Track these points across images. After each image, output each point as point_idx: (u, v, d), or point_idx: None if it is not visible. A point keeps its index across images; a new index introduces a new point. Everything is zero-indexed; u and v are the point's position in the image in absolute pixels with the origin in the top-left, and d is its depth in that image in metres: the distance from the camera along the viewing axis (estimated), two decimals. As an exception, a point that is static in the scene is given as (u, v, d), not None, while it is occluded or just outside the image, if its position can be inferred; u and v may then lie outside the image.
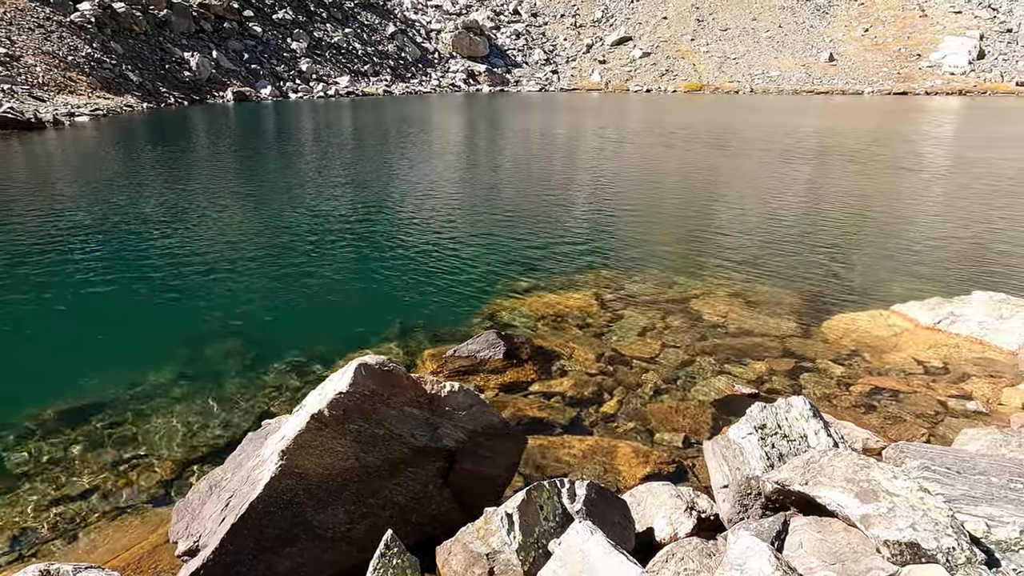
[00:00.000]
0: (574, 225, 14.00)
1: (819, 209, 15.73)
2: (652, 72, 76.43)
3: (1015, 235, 13.14)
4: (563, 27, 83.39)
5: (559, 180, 19.47)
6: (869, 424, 6.04)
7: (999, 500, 4.09)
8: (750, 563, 3.38)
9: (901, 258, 11.73)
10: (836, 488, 3.80)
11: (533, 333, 8.25)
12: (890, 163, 22.91)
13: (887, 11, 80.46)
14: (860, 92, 69.62)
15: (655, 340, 8.13)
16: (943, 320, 8.12)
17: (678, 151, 25.97)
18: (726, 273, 10.70)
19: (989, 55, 73.14)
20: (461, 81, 70.10)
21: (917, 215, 15.16)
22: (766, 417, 4.67)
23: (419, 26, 75.92)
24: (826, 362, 7.45)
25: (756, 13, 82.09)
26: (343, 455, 4.21)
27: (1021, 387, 6.65)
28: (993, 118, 42.07)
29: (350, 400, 4.21)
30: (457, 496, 4.53)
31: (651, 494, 4.78)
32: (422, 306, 9.29)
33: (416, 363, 7.41)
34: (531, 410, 6.45)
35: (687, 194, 17.78)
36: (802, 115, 44.19)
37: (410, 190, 17.42)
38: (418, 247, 12.09)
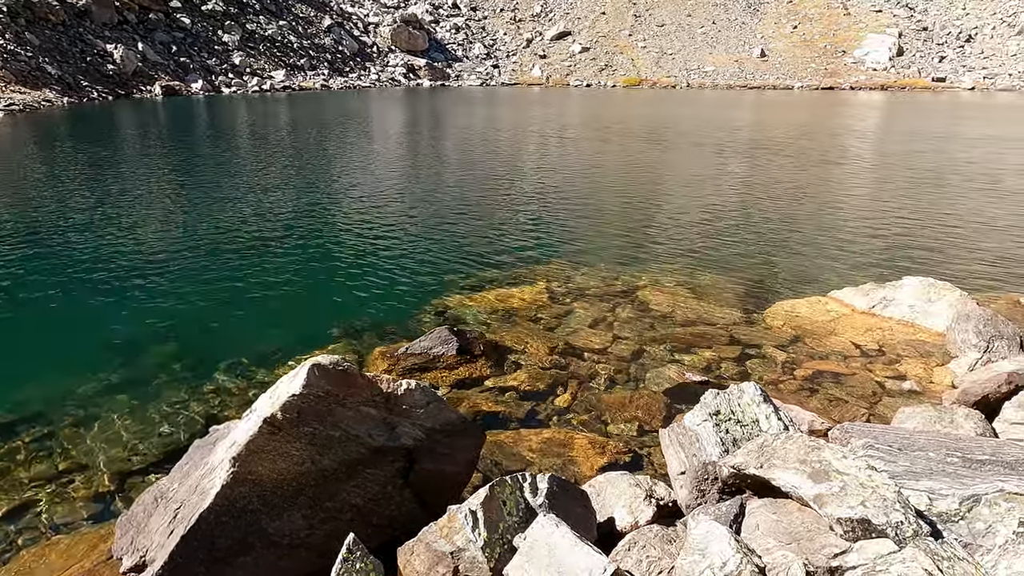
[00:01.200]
0: (520, 220, 14.01)
1: (754, 201, 16.22)
2: (592, 67, 77.23)
3: (937, 223, 13.87)
4: (503, 21, 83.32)
5: (503, 175, 19.46)
6: (813, 407, 6.26)
7: (938, 474, 4.30)
8: (711, 547, 3.45)
9: (835, 246, 12.21)
10: (790, 470, 3.91)
11: (485, 328, 8.21)
12: (819, 156, 23.83)
13: (814, 9, 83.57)
14: (790, 87, 72.15)
15: (606, 332, 8.21)
16: (877, 305, 8.50)
17: (619, 145, 26.34)
18: (670, 264, 10.91)
19: (907, 52, 76.90)
20: (401, 75, 69.16)
21: (846, 206, 15.82)
22: (720, 403, 4.77)
23: (356, 19, 74.50)
24: (770, 348, 7.68)
25: (691, 9, 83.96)
26: (298, 459, 4.08)
27: (950, 366, 7.02)
28: (912, 112, 44.29)
29: (304, 402, 4.08)
30: (417, 495, 4.46)
31: (610, 484, 4.82)
32: (369, 304, 9.12)
33: (366, 362, 7.27)
34: (487, 405, 6.42)
35: (628, 187, 18.04)
36: (736, 109, 45.48)
37: (352, 187, 17.09)
38: (362, 245, 11.87)
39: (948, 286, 8.31)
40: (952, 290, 8.20)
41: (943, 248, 12.02)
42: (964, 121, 37.32)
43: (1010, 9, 78.84)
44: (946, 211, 14.88)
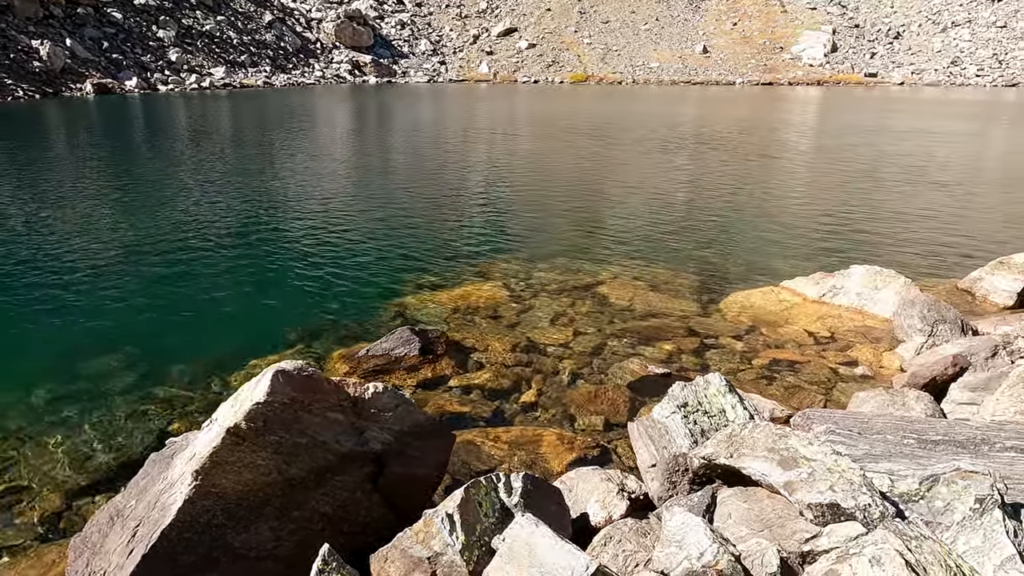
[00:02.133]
0: (475, 217, 13.95)
1: (703, 195, 16.57)
2: (539, 63, 77.53)
3: (876, 214, 14.43)
4: (448, 17, 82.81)
5: (455, 173, 19.35)
6: (772, 395, 6.41)
7: (896, 456, 4.45)
8: (688, 538, 3.48)
9: (783, 237, 12.57)
10: (759, 458, 3.98)
11: (446, 327, 8.12)
12: (763, 151, 24.52)
13: (752, 6, 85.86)
14: (732, 83, 73.98)
15: (567, 327, 8.24)
16: (827, 293, 8.77)
17: (568, 142, 26.51)
18: (627, 258, 11.03)
19: (841, 48, 79.82)
20: (346, 72, 67.98)
21: (790, 198, 16.30)
22: (687, 395, 4.83)
23: (298, 15, 72.86)
24: (728, 338, 7.84)
25: (634, 6, 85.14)
26: (264, 469, 3.94)
27: (898, 351, 7.30)
28: (846, 107, 46.02)
29: (269, 410, 3.94)
30: (388, 500, 4.36)
31: (581, 479, 4.83)
32: (326, 307, 8.92)
33: (327, 366, 7.10)
34: (453, 405, 6.36)
35: (580, 184, 18.17)
36: (682, 105, 46.38)
37: (301, 187, 16.70)
38: (314, 246, 11.60)
39: (892, 273, 8.64)
40: (896, 277, 8.53)
41: (884, 237, 12.52)
42: (894, 115, 38.97)
43: (934, 7, 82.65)
44: (883, 202, 15.49)
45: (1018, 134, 30.48)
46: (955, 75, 74.30)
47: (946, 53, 77.74)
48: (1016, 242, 11.36)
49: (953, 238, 12.48)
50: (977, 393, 5.94)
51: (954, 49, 77.84)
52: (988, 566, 3.32)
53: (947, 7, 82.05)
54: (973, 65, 75.22)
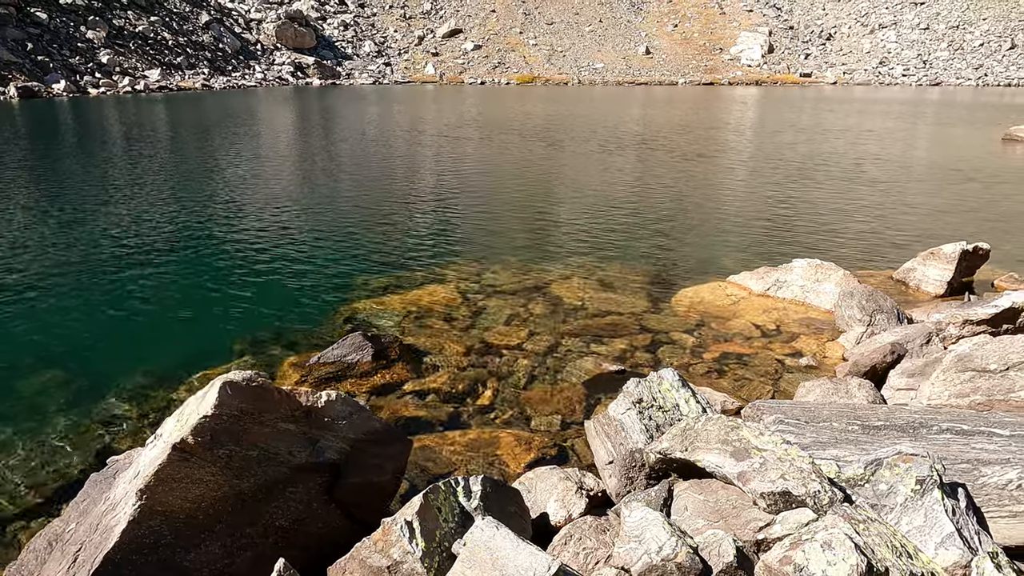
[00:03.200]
0: (424, 220, 13.85)
1: (650, 194, 16.86)
2: (485, 64, 77.57)
3: (814, 209, 14.96)
4: (393, 19, 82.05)
5: (403, 176, 19.17)
6: (723, 387, 6.56)
7: (842, 442, 4.61)
8: (646, 532, 3.52)
9: (728, 234, 12.90)
10: (713, 451, 4.06)
11: (399, 332, 8.03)
12: (706, 149, 25.12)
13: (692, 8, 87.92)
14: (675, 83, 75.59)
15: (521, 328, 8.25)
16: (771, 287, 9.04)
17: (517, 143, 26.59)
18: (577, 258, 11.12)
19: (777, 49, 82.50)
20: (288, 74, 66.58)
21: (734, 195, 16.75)
22: (641, 391, 4.90)
23: (237, 15, 71.01)
24: (679, 334, 7.99)
25: (578, 8, 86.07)
26: (214, 484, 3.81)
27: (840, 340, 7.57)
28: (783, 106, 47.58)
29: (217, 423, 3.81)
30: (346, 510, 4.28)
31: (540, 479, 4.84)
32: (273, 314, 8.69)
33: (277, 375, 6.92)
34: (408, 410, 6.28)
35: (529, 184, 18.25)
36: (627, 105, 47.11)
37: (245, 193, 16.27)
38: (261, 253, 11.31)
39: (832, 266, 8.96)
40: (836, 270, 8.85)
41: (823, 231, 12.98)
42: (827, 114, 40.49)
43: (863, 10, 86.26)
44: (821, 198, 16.06)
45: (942, 131, 32.07)
46: (883, 75, 77.73)
47: (875, 54, 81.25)
48: (944, 233, 11.93)
49: (887, 231, 13.03)
50: (914, 379, 6.20)
51: (882, 50, 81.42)
52: (930, 544, 3.46)
53: (874, 10, 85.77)
54: (900, 65, 78.85)
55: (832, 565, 2.87)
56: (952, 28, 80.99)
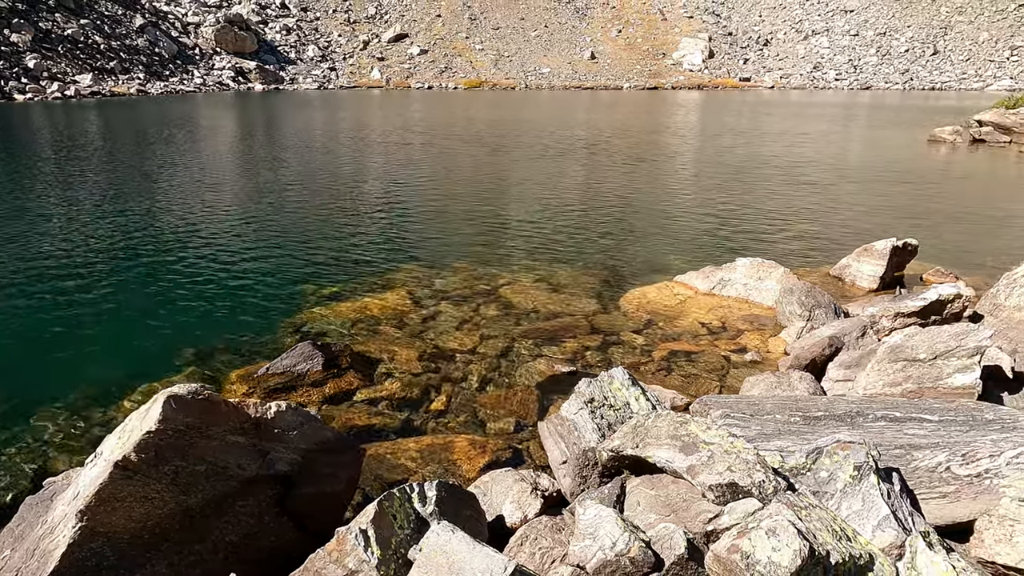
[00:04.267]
0: (372, 226, 13.71)
1: (598, 196, 17.12)
2: (432, 69, 77.33)
3: (755, 210, 15.45)
4: (337, 23, 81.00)
5: (351, 182, 18.95)
6: (672, 384, 6.72)
7: (785, 434, 4.78)
8: (600, 529, 3.59)
9: (674, 234, 13.20)
10: (663, 446, 4.16)
11: (350, 339, 7.93)
12: (651, 153, 25.64)
13: (635, 14, 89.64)
14: (620, 87, 76.87)
15: (473, 332, 8.26)
16: (716, 285, 9.30)
17: (465, 148, 26.60)
18: (528, 261, 11.20)
19: (717, 55, 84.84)
20: (229, 79, 64.92)
21: (679, 197, 17.15)
22: (593, 391, 4.98)
23: (173, 19, 68.90)
24: (628, 334, 8.14)
25: (523, 13, 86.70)
26: (159, 502, 3.70)
27: (782, 336, 7.84)
28: (724, 109, 48.96)
29: (162, 438, 3.70)
30: (298, 522, 4.21)
31: (495, 482, 4.86)
32: (219, 325, 8.47)
33: (224, 387, 6.75)
34: (361, 419, 6.21)
35: (477, 189, 18.28)
36: (573, 109, 47.67)
37: (186, 202, 15.80)
38: (205, 263, 11.01)
39: (773, 264, 9.28)
40: (777, 268, 9.16)
41: (764, 231, 13.42)
42: (765, 117, 41.88)
43: (797, 17, 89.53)
44: (761, 198, 16.60)
45: (873, 134, 33.55)
46: (817, 79, 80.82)
47: (809, 59, 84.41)
48: (876, 231, 12.48)
49: (823, 229, 13.56)
50: (851, 370, 6.48)
51: (816, 55, 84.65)
52: (868, 527, 3.63)
53: (807, 17, 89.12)
54: (832, 70, 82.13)
55: (777, 551, 2.98)
56: (880, 35, 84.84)
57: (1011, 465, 4.01)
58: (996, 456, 4.09)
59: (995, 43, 79.32)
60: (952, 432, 4.54)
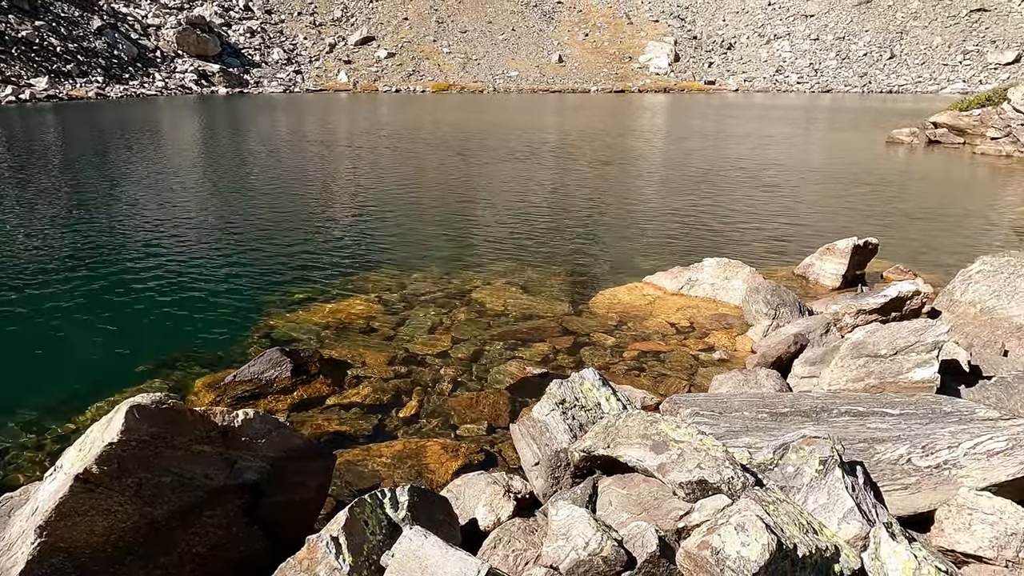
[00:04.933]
0: (341, 231, 13.59)
1: (568, 198, 17.22)
2: (399, 72, 76.96)
3: (721, 210, 15.70)
4: (302, 25, 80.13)
5: (318, 187, 18.75)
6: (643, 384, 6.78)
7: (753, 430, 4.87)
8: (573, 529, 3.60)
9: (643, 236, 13.34)
10: (634, 446, 4.20)
11: (319, 345, 7.85)
12: (619, 155, 25.87)
13: (601, 18, 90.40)
14: (587, 90, 77.41)
15: (444, 335, 8.23)
16: (684, 286, 9.42)
17: (434, 151, 26.54)
18: (498, 264, 11.21)
19: (683, 58, 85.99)
20: (192, 82, 63.73)
21: (647, 199, 17.34)
22: (564, 392, 5.00)
23: (132, 20, 67.42)
24: (599, 335, 8.19)
25: (491, 16, 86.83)
26: (123, 515, 3.61)
27: (748, 334, 7.98)
28: (690, 112, 49.65)
29: (124, 450, 3.61)
30: (268, 531, 4.15)
31: (468, 485, 4.85)
32: (183, 333, 8.30)
33: (190, 396, 6.62)
34: (331, 425, 6.15)
35: (447, 193, 18.24)
36: (541, 113, 47.87)
37: (151, 208, 15.47)
38: (169, 270, 10.79)
39: (739, 264, 9.43)
40: (743, 267, 9.32)
41: (730, 231, 13.64)
42: (730, 120, 42.58)
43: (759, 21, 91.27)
44: (727, 199, 16.88)
45: (834, 136, 34.34)
46: (780, 82, 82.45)
47: (771, 63, 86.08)
48: (838, 230, 12.78)
49: (787, 229, 13.84)
50: (815, 367, 6.62)
51: (778, 59, 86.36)
52: (833, 519, 3.71)
53: (769, 21, 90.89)
54: (794, 74, 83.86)
55: (746, 545, 3.03)
56: (839, 39, 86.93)
57: (968, 456, 4.13)
58: (954, 447, 4.21)
59: (948, 47, 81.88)
60: (912, 425, 4.66)
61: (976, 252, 10.22)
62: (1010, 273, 7.61)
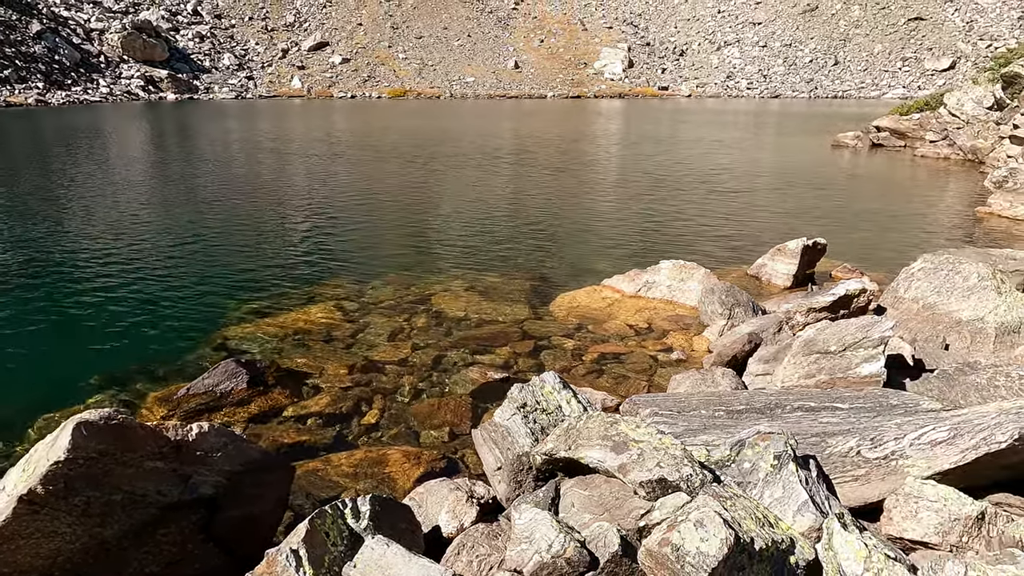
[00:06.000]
0: (299, 240, 13.38)
1: (525, 204, 17.31)
2: (355, 78, 76.23)
3: (675, 214, 15.99)
4: (253, 31, 78.72)
5: (271, 195, 18.42)
6: (603, 386, 6.85)
7: (710, 428, 4.96)
8: (536, 532, 3.62)
9: (600, 239, 13.49)
10: (595, 447, 4.24)
11: (277, 355, 7.70)
12: (575, 160, 26.12)
13: (556, 24, 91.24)
14: (544, 96, 77.97)
15: (404, 342, 8.17)
16: (642, 288, 9.55)
17: (390, 158, 26.35)
18: (458, 270, 11.19)
19: (637, 64, 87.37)
20: (139, 88, 61.89)
21: (604, 203, 17.55)
22: (525, 396, 5.02)
23: (74, 24, 65.19)
24: (559, 338, 8.25)
25: (446, 23, 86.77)
26: (71, 536, 3.48)
27: (705, 334, 8.14)
28: (644, 117, 50.47)
29: (71, 468, 3.49)
30: (225, 547, 4.05)
31: (430, 492, 4.82)
32: (137, 346, 8.05)
33: (141, 411, 6.42)
34: (290, 436, 6.04)
35: (404, 199, 18.12)
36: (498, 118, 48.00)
37: (98, 218, 14.97)
38: (120, 282, 10.45)
39: (694, 265, 9.62)
40: (698, 269, 9.51)
41: (685, 234, 13.90)
42: (682, 125, 43.42)
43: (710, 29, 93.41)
44: (681, 203, 17.21)
45: (783, 140, 35.33)
46: (731, 88, 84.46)
47: (722, 69, 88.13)
48: (789, 231, 13.13)
49: (740, 231, 14.18)
50: (769, 364, 6.79)
51: (728, 65, 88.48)
52: (788, 512, 3.81)
53: (719, 28, 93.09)
54: (744, 79, 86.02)
55: (705, 541, 3.09)
56: (786, 46, 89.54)
57: (914, 446, 4.29)
58: (900, 439, 4.37)
59: (889, 55, 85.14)
60: (861, 418, 4.83)
61: (918, 250, 10.64)
62: (949, 270, 7.95)
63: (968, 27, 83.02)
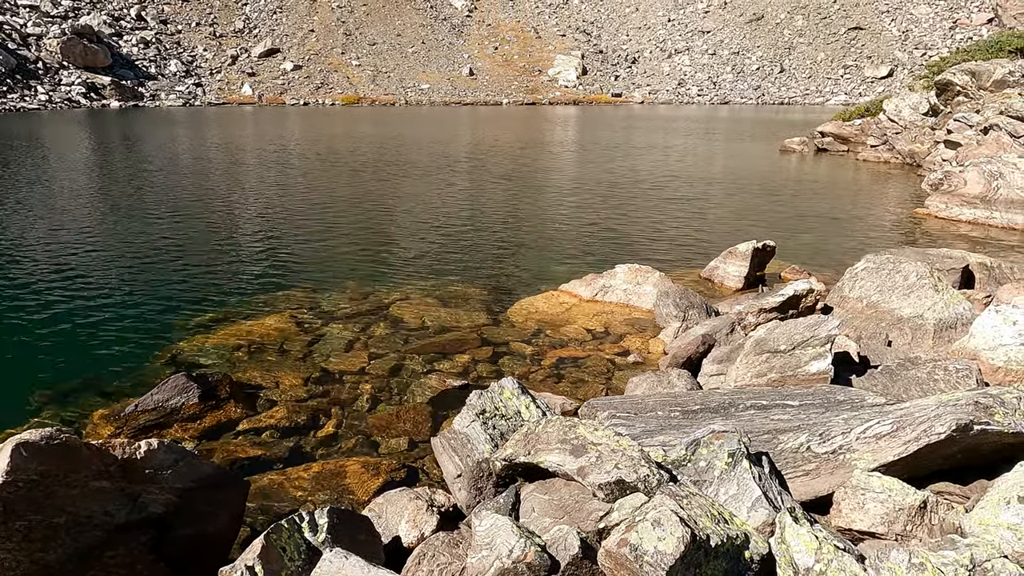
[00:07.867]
0: (249, 249, 13.11)
1: (481, 211, 17.33)
2: (307, 85, 75.23)
3: (631, 218, 16.24)
4: (201, 36, 76.99)
5: (221, 204, 18.02)
6: (562, 390, 6.90)
7: (667, 429, 5.05)
8: (497, 538, 3.62)
9: (557, 245, 13.60)
10: (554, 451, 4.27)
11: (230, 368, 7.52)
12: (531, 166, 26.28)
13: (510, 32, 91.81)
14: (499, 103, 78.27)
15: (362, 352, 8.09)
16: (599, 292, 9.66)
17: (344, 166, 26.08)
18: (415, 278, 11.12)
19: (590, 72, 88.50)
20: (80, 95, 59.83)
21: (560, 208, 17.69)
22: (484, 402, 5.02)
23: (9, 29, 62.65)
24: (518, 344, 8.27)
25: (400, 29, 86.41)
26: (11, 562, 3.34)
27: (660, 336, 8.27)
28: (598, 124, 51.13)
29: (11, 491, 3.34)
30: (177, 567, 3.93)
31: (389, 503, 4.78)
32: (81, 362, 7.76)
33: (86, 429, 6.18)
34: (244, 451, 5.90)
35: (359, 208, 17.93)
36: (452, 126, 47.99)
37: (34, 228, 14.39)
38: (61, 296, 10.06)
39: (649, 269, 9.78)
40: (653, 272, 9.67)
41: (640, 238, 14.12)
42: (635, 131, 44.13)
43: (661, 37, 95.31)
44: (634, 208, 17.48)
45: (732, 146, 36.22)
46: (682, 95, 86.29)
47: (673, 76, 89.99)
48: (740, 234, 13.46)
49: (693, 234, 14.47)
50: (723, 364, 6.94)
51: (679, 73, 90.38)
52: (743, 508, 3.90)
53: (670, 37, 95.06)
54: (695, 86, 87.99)
55: (662, 540, 3.14)
56: (734, 54, 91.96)
57: (860, 440, 4.45)
58: (847, 433, 4.52)
59: (831, 62, 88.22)
60: (811, 415, 4.97)
61: (862, 251, 11.05)
62: (890, 270, 8.27)
63: (904, 36, 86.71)
